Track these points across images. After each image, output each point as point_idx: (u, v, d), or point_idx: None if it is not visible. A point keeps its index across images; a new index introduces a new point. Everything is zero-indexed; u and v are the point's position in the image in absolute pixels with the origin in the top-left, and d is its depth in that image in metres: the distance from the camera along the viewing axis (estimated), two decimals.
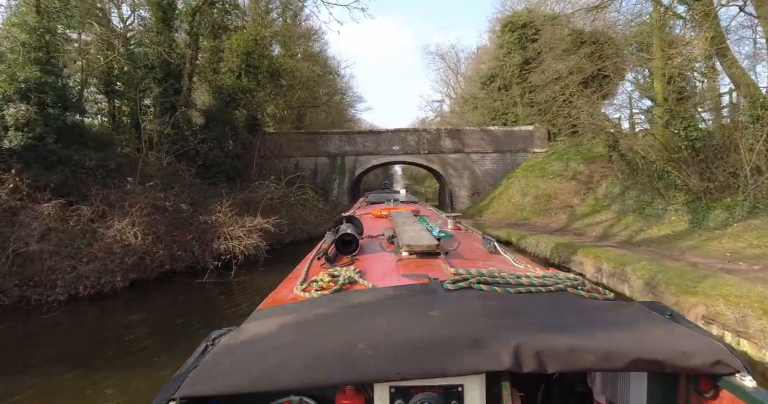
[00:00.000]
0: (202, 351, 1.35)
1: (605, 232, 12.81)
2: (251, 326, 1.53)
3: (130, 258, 9.67)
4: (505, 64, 28.37)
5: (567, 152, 20.01)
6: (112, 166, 11.53)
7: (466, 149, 22.35)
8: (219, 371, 1.17)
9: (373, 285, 1.84)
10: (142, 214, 10.44)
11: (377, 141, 22.51)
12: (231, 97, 18.84)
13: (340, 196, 22.49)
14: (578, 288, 1.70)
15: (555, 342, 1.18)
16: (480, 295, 1.59)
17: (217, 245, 11.03)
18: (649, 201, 13.08)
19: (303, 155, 22.33)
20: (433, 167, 22.52)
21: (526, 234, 13.65)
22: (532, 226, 16.01)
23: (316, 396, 1.44)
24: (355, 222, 3.08)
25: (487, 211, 19.88)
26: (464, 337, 1.21)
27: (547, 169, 19.64)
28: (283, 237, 15.16)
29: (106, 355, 6.14)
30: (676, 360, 1.17)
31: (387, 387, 1.29)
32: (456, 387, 1.29)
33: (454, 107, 45.06)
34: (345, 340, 1.24)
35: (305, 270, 2.26)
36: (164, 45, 15.30)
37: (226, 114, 18.38)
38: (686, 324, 1.42)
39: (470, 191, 22.39)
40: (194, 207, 12.26)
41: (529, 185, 19.35)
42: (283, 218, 15.26)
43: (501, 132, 22.52)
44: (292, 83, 27.63)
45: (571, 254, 9.95)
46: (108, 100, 16.29)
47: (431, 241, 2.42)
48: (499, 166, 22.29)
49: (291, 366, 1.14)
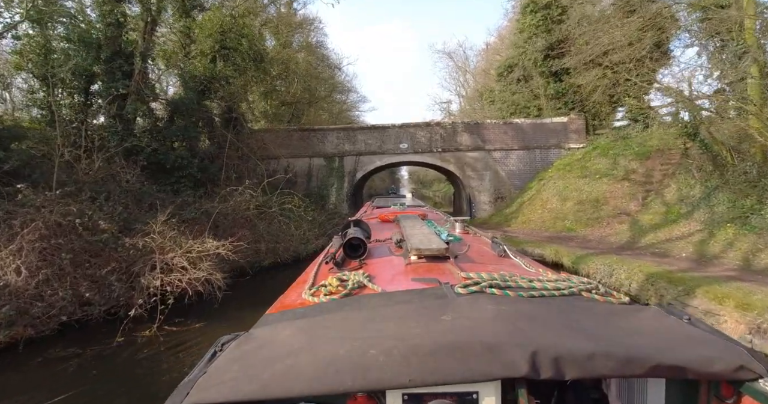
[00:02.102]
0: (210, 357, 1.33)
1: (700, 252, 9.20)
2: (260, 331, 1.50)
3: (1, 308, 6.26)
4: (526, 52, 25.00)
5: (613, 147, 16.42)
6: (6, 168, 8.15)
7: (487, 146, 18.83)
8: (228, 377, 1.15)
9: (383, 290, 1.82)
10: (33, 238, 7.04)
11: (381, 138, 19.08)
12: (204, 85, 15.52)
13: (339, 203, 19.04)
14: (592, 292, 1.67)
15: (573, 348, 1.15)
16: (492, 300, 1.55)
17: (147, 281, 7.58)
18: (755, 208, 9.46)
19: (294, 155, 18.95)
20: (448, 167, 19.02)
21: (584, 254, 10.08)
22: (582, 240, 12.43)
23: (326, 402, 1.32)
24: (363, 226, 3.03)
25: (516, 220, 16.29)
26: (479, 343, 1.18)
27: (589, 168, 16.04)
28: (260, 258, 11.71)
29: None
30: (698, 366, 1.13)
31: (400, 393, 1.25)
32: (471, 394, 1.24)
33: (465, 106, 41.73)
34: (356, 346, 1.22)
35: (313, 275, 2.24)
36: (109, 17, 12.04)
37: (195, 106, 15.07)
38: (705, 328, 1.38)
39: (493, 195, 18.84)
40: (129, 225, 8.85)
41: (568, 187, 15.76)
42: (259, 234, 11.81)
43: (528, 125, 18.97)
44: (285, 74, 24.53)
45: (686, 294, 6.36)
46: (45, 87, 13.03)
47: (440, 245, 2.38)
48: (526, 165, 18.73)
49: (302, 373, 1.13)
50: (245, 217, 11.94)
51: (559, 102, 22.57)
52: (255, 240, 11.52)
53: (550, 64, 22.40)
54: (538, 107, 25.18)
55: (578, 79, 17.59)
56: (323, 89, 29.70)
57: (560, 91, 22.30)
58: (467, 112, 38.79)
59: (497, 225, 16.58)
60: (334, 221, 16.48)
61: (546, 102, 24.15)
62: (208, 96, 16.08)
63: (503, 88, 28.97)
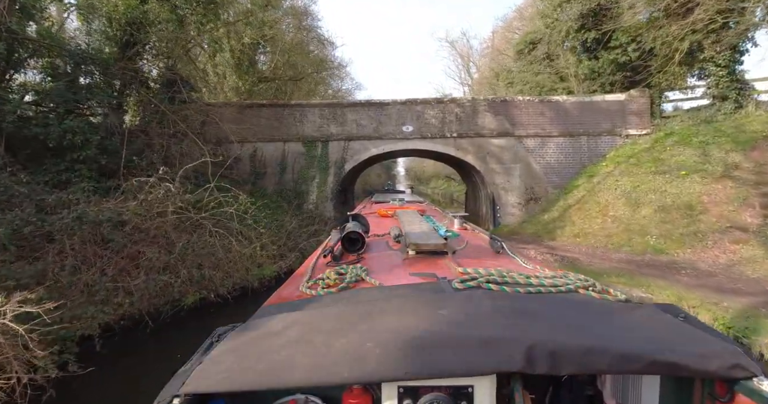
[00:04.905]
0: (206, 348, 1.32)
1: None
2: (256, 322, 1.48)
3: None
4: (555, 22, 20.62)
5: (697, 133, 11.95)
6: None
7: (517, 131, 14.29)
8: (224, 368, 1.14)
9: (381, 284, 1.80)
10: None
11: (378, 119, 14.49)
12: (129, 34, 10.85)
13: (321, 203, 14.43)
14: (589, 289, 1.67)
15: (569, 344, 1.16)
16: (489, 295, 1.55)
17: None
18: None
19: (264, 139, 14.31)
20: (465, 158, 14.45)
21: (740, 308, 5.61)
22: (691, 270, 7.94)
23: (322, 394, 1.41)
24: (362, 220, 2.96)
25: (563, 231, 11.79)
26: (475, 337, 1.19)
27: (667, 161, 11.57)
28: (174, 295, 7.15)
29: None
30: (693, 364, 1.14)
31: (395, 386, 1.24)
32: (466, 388, 1.24)
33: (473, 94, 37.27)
34: (353, 338, 1.22)
35: (311, 268, 2.23)
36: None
37: (112, 61, 10.39)
38: (701, 326, 1.39)
39: (523, 196, 14.32)
40: None
41: (640, 187, 11.27)
42: (183, 254, 7.27)
43: (573, 105, 14.44)
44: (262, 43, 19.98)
45: None
46: None
47: (438, 240, 2.38)
48: (568, 157, 14.22)
49: (298, 364, 1.12)
50: (156, 226, 7.31)
51: (594, 83, 18.20)
52: (165, 266, 6.92)
53: (585, 36, 17.98)
54: (567, 89, 20.79)
55: (647, 38, 13.02)
56: (311, 67, 25.00)
57: (596, 70, 17.93)
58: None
59: (535, 238, 12.08)
60: (312, 229, 11.87)
61: (577, 84, 19.78)
62: (138, 51, 11.43)
63: (523, 68, 24.60)
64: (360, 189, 30.89)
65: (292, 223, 11.11)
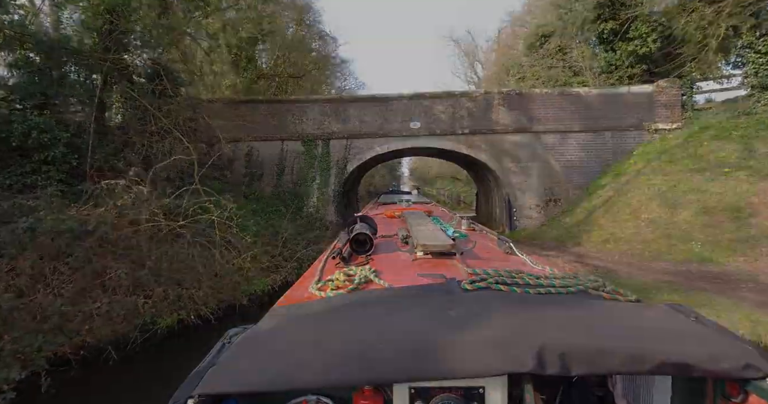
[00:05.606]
0: (219, 349, 1.30)
1: None
2: (268, 324, 1.46)
3: None
4: (569, 14, 19.62)
5: (737, 126, 10.77)
6: None
7: (535, 127, 13.15)
8: (237, 369, 1.13)
9: (389, 285, 1.80)
10: None
11: (384, 115, 13.41)
12: (110, 22, 9.85)
13: (322, 206, 13.36)
14: (599, 290, 1.61)
15: (580, 344, 1.12)
16: (499, 296, 1.53)
17: None
18: None
19: (260, 137, 13.28)
20: (478, 157, 13.33)
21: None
22: (750, 283, 6.79)
23: (333, 395, 1.39)
24: (369, 222, 2.87)
25: (590, 236, 10.63)
26: (486, 338, 1.16)
27: (706, 157, 10.39)
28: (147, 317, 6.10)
29: None
30: (705, 364, 1.10)
31: (407, 387, 1.24)
32: (477, 389, 1.23)
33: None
34: (364, 339, 1.20)
35: (320, 269, 2.21)
36: None
37: (90, 52, 9.40)
38: (712, 326, 1.33)
39: (542, 197, 13.18)
40: None
41: (677, 187, 10.09)
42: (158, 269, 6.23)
43: (595, 97, 13.27)
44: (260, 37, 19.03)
45: None
46: None
47: (446, 241, 2.37)
48: (591, 154, 13.06)
49: (309, 365, 1.10)
50: (127, 236, 6.26)
51: (611, 77, 17.11)
52: (136, 284, 5.87)
53: (602, 27, 16.91)
54: (583, 83, 19.71)
55: (678, 23, 11.85)
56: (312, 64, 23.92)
57: (613, 62, 16.86)
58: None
59: (558, 243, 10.94)
60: (311, 236, 10.78)
61: (593, 78, 18.68)
62: (119, 40, 10.41)
63: (535, 63, 23.46)
64: (363, 191, 29.81)
65: (289, 229, 10.01)
